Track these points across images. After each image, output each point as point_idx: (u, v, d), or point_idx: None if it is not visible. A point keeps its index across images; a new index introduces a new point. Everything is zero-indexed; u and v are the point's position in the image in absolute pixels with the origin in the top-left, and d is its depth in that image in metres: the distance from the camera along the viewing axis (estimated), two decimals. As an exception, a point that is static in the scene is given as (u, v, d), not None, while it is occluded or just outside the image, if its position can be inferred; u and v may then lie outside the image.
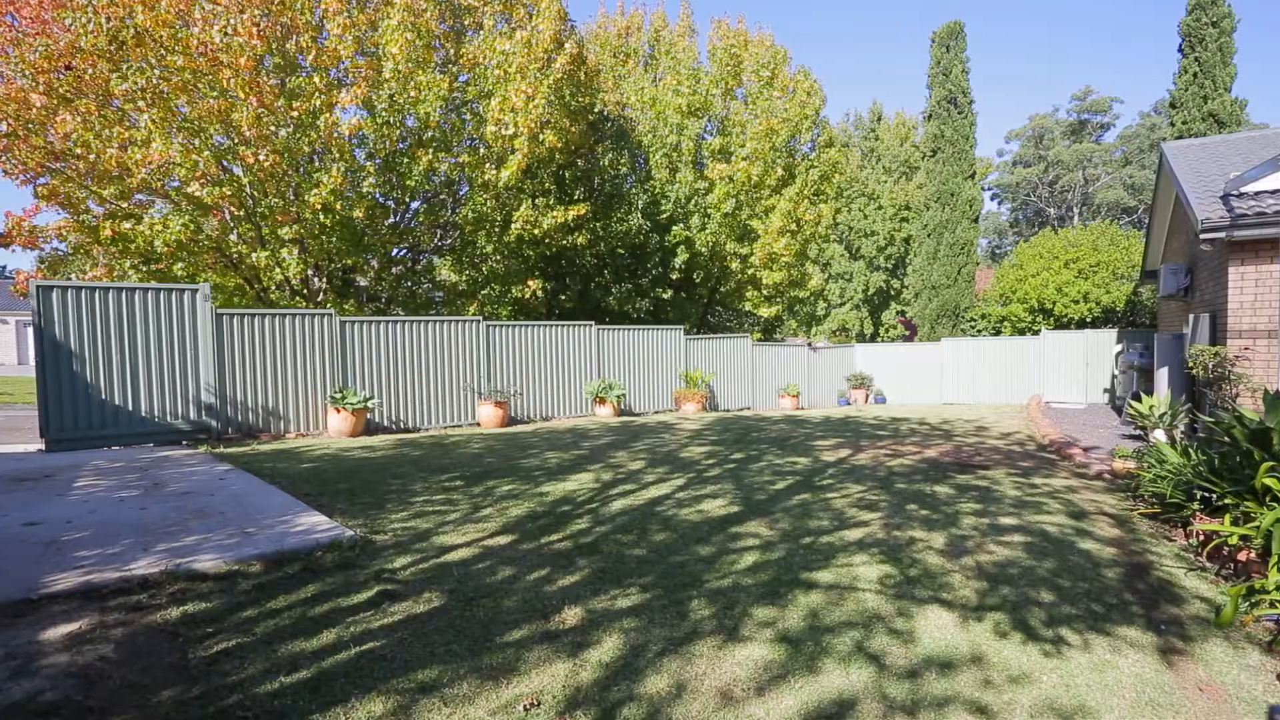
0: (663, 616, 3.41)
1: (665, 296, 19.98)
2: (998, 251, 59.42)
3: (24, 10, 11.52)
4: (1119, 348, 14.74)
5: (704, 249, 19.34)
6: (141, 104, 11.30)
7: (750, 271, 20.06)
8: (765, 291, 20.71)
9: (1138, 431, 9.61)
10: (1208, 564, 4.33)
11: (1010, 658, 3.11)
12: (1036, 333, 20.35)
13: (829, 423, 12.30)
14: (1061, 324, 21.51)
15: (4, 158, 11.63)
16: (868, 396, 20.51)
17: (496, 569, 4.01)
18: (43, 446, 8.63)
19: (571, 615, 3.38)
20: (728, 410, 16.64)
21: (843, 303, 34.33)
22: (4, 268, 62.85)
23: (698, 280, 20.72)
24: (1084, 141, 52.88)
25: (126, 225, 11.97)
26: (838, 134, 25.55)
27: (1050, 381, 18.11)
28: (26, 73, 10.99)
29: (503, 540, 4.57)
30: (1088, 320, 21.23)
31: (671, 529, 4.92)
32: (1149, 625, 3.47)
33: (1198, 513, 4.78)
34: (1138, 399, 9.90)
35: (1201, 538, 4.58)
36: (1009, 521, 5.24)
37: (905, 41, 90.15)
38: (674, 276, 19.77)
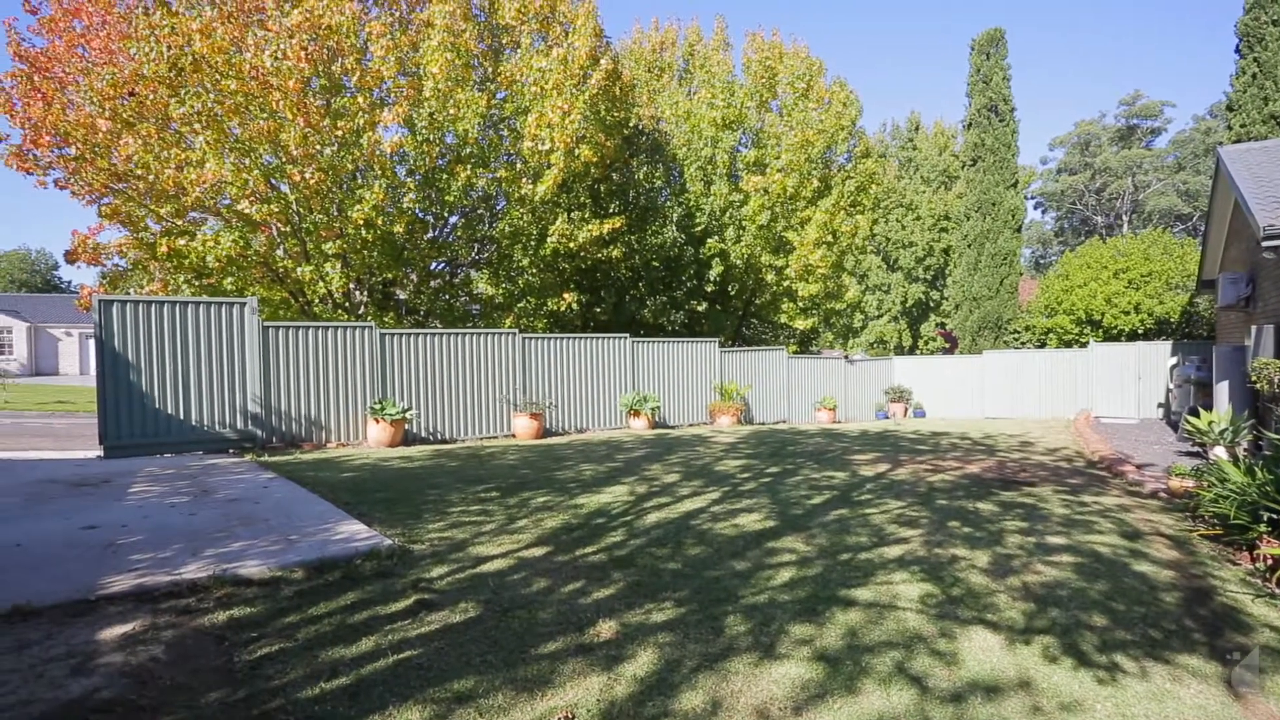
0: (698, 632, 3.37)
1: (700, 309, 19.94)
2: (1042, 261, 57.87)
3: (94, 42, 12.20)
4: (1174, 361, 14.17)
5: (739, 261, 19.27)
6: (197, 126, 11.81)
7: (786, 284, 19.91)
8: (801, 304, 20.51)
9: (1195, 448, 9.19)
10: (1278, 590, 4.10)
11: (1061, 684, 2.99)
12: (1084, 345, 19.70)
13: (866, 437, 12.07)
14: (1111, 336, 20.77)
15: (73, 179, 12.28)
16: (906, 410, 20.09)
17: (531, 580, 4.02)
18: (101, 453, 9.00)
19: (606, 628, 3.37)
20: (763, 423, 16.47)
21: (880, 315, 33.79)
22: (69, 283, 66.05)
23: (732, 293, 20.64)
24: (1133, 147, 51.24)
25: (181, 242, 12.48)
26: (874, 145, 25.30)
27: (1099, 395, 17.48)
28: (94, 100, 11.60)
29: (538, 552, 4.58)
30: (1139, 332, 20.45)
31: (706, 543, 4.88)
32: (1213, 654, 3.30)
33: (1265, 535, 4.54)
34: (1195, 414, 9.47)
35: (1269, 562, 4.34)
36: (1057, 541, 5.05)
37: (942, 51, 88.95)
38: (709, 289, 19.73)
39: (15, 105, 11.81)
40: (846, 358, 20.19)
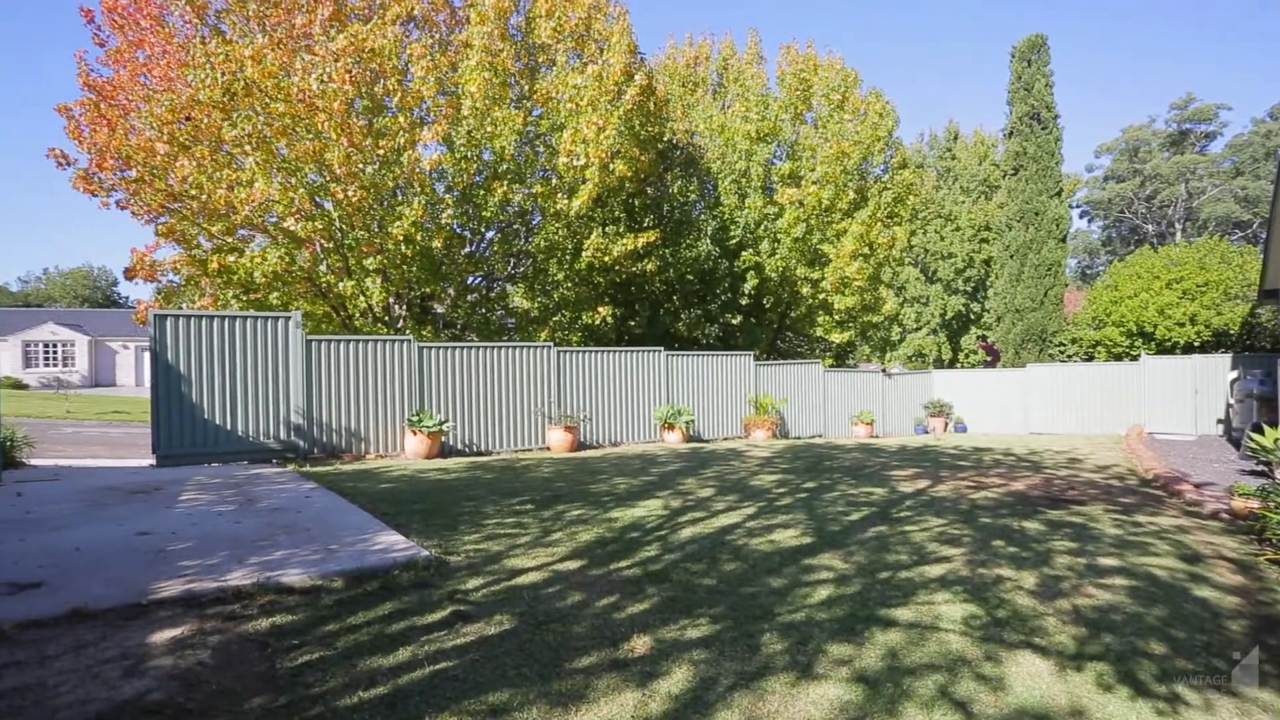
0: (733, 649, 3.32)
1: (734, 322, 19.84)
2: (1088, 272, 56.13)
3: (155, 71, 12.84)
4: (1234, 374, 13.54)
5: (774, 274, 19.14)
6: (247, 148, 12.29)
7: (821, 296, 19.69)
8: (837, 316, 20.25)
9: (1260, 467, 8.75)
10: (1350, 618, 3.86)
11: (1116, 714, 2.85)
12: (1135, 358, 18.99)
13: (905, 451, 11.81)
14: (1164, 349, 19.96)
15: (133, 200, 12.89)
16: (947, 425, 19.60)
17: (566, 594, 4.02)
18: (154, 461, 9.34)
19: (640, 644, 3.34)
20: (799, 437, 16.25)
21: (919, 327, 33.13)
22: (127, 298, 69.08)
23: (767, 305, 20.49)
24: (1186, 153, 49.49)
25: (231, 258, 12.96)
26: (912, 155, 24.96)
27: (1152, 411, 16.80)
28: (154, 125, 12.17)
29: (572, 565, 4.58)
30: (1195, 344, 19.61)
31: (742, 559, 4.81)
32: (1281, 684, 3.11)
33: (1335, 559, 4.28)
34: (1259, 430, 9.02)
35: (1341, 588, 4.09)
36: (1109, 563, 4.85)
37: (980, 60, 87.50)
38: (743, 302, 19.63)
39: (83, 131, 12.46)
40: (884, 371, 19.83)
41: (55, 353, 43.24)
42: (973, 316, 32.58)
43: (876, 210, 19.49)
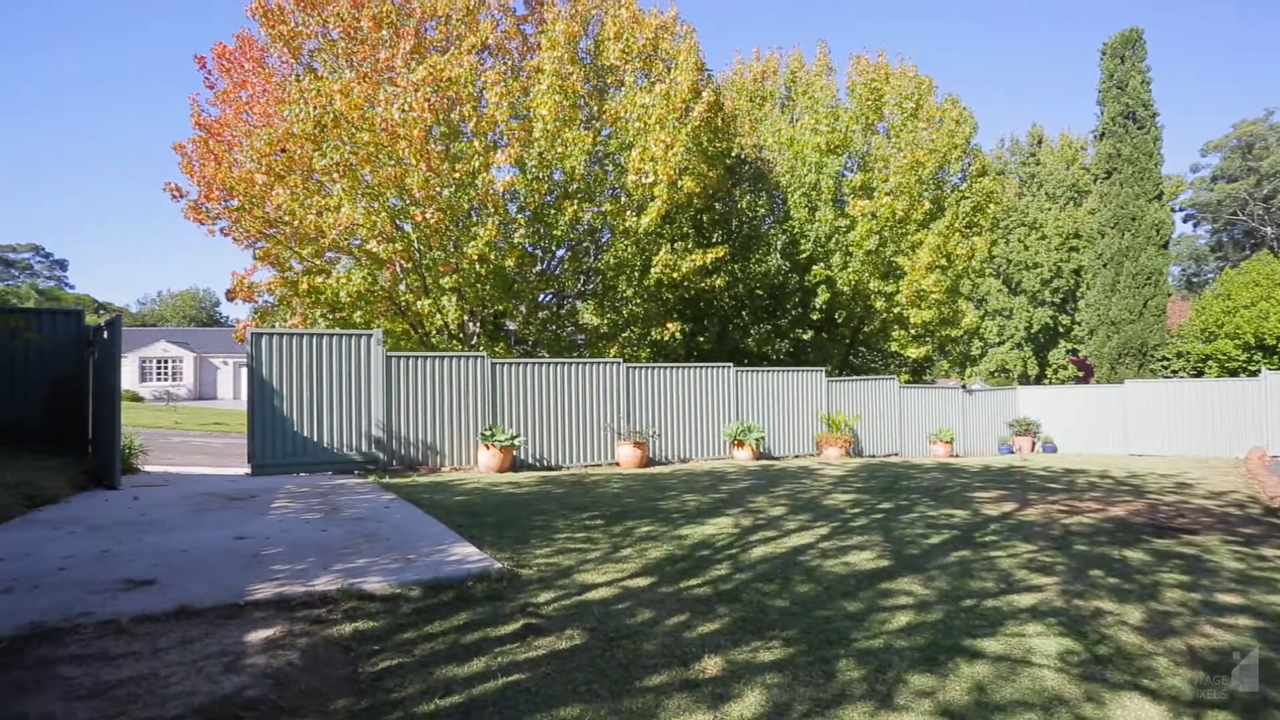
0: (808, 674, 3.20)
1: (805, 337, 19.46)
2: (1195, 280, 52.07)
3: (255, 108, 13.91)
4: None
5: (846, 288, 18.70)
6: (335, 175, 13.08)
7: (896, 310, 19.08)
8: (913, 331, 19.55)
9: (1405, 495, 7.81)
10: None
11: (1242, 766, 2.58)
12: (1254, 373, 17.41)
13: (989, 472, 11.20)
14: (1286, 363, 18.23)
15: (234, 227, 13.94)
16: (1034, 445, 18.50)
17: (636, 611, 4.00)
18: (249, 470, 9.96)
19: (712, 664, 3.28)
20: (873, 456, 15.71)
21: (1001, 341, 31.54)
22: (227, 318, 74.43)
23: (839, 320, 20.01)
24: (1307, 149, 45.33)
25: (319, 279, 13.77)
26: (991, 161, 23.95)
27: (1275, 432, 15.32)
28: (254, 157, 13.15)
29: (642, 582, 4.56)
30: (1322, 359, 17.82)
31: (815, 580, 4.67)
32: None
33: None
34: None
35: None
36: (1230, 600, 4.42)
37: (1065, 60, 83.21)
38: (814, 317, 19.25)
39: (194, 166, 13.60)
40: (964, 387, 18.96)
41: (166, 368, 47.04)
42: (1061, 329, 30.76)
43: (954, 220, 18.78)
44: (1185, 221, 52.09)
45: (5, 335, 8.72)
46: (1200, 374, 19.95)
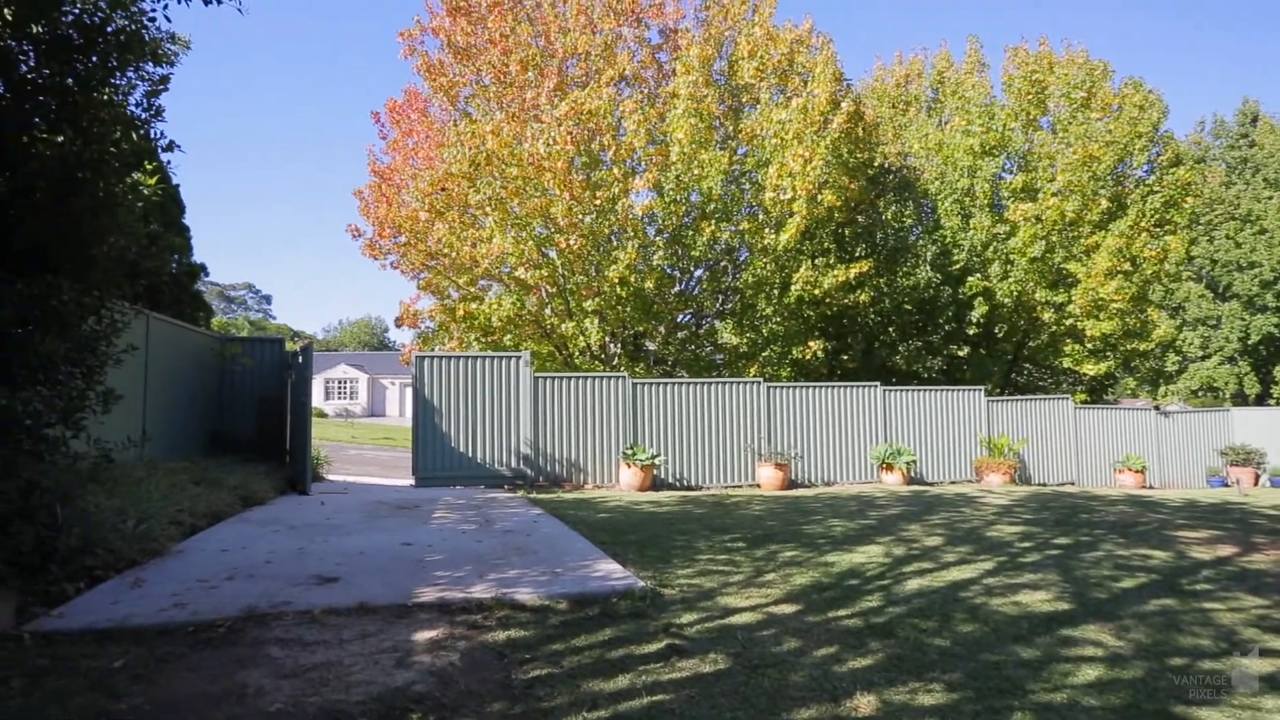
0: (977, 726, 2.90)
1: (960, 354, 18.05)
2: None
3: (419, 153, 15.47)
4: None
5: (1006, 299, 17.14)
6: (487, 209, 14.14)
7: (1068, 322, 17.17)
8: (1090, 345, 17.47)
9: None
10: None
11: None
12: None
13: (1195, 508, 9.65)
14: None
15: (402, 261, 15.50)
16: (1257, 478, 15.72)
17: (781, 639, 3.85)
18: (413, 482, 10.90)
19: (865, 703, 3.07)
20: (1043, 484, 14.14)
21: (1206, 355, 27.26)
22: (395, 342, 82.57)
23: (999, 334, 18.36)
24: None
25: (473, 306, 14.88)
26: (1188, 148, 21.02)
27: None
28: (418, 197, 14.59)
29: (787, 609, 4.39)
30: None
31: (980, 620, 4.24)
32: None
33: None
34: None
35: None
36: None
37: (1276, 23, 71.36)
38: (970, 332, 17.80)
39: (370, 209, 15.35)
40: (1157, 408, 16.60)
41: (345, 388, 53.09)
42: (1287, 341, 26.02)
43: (1139, 218, 16.64)
44: None
45: (227, 361, 10.26)
46: None
